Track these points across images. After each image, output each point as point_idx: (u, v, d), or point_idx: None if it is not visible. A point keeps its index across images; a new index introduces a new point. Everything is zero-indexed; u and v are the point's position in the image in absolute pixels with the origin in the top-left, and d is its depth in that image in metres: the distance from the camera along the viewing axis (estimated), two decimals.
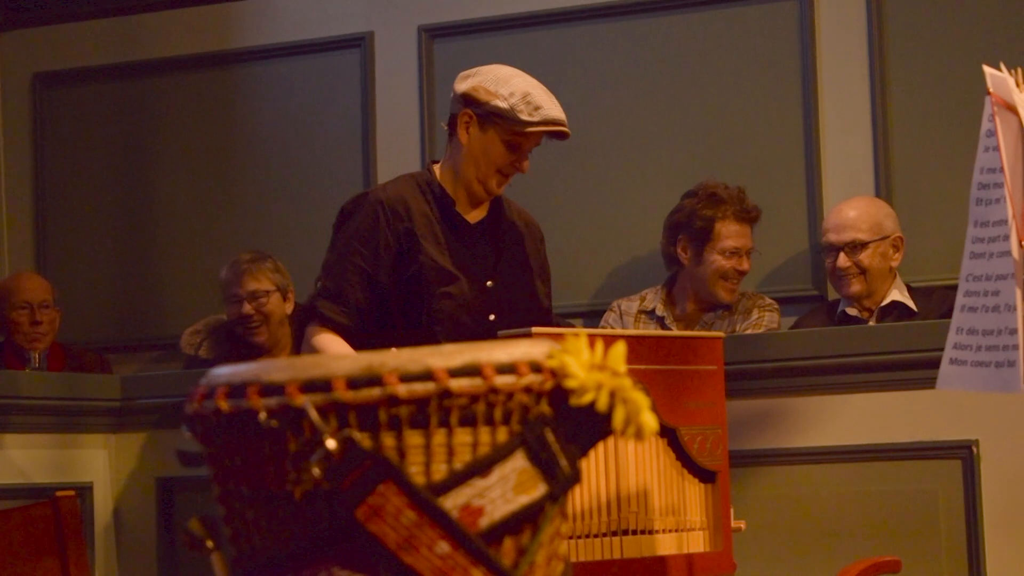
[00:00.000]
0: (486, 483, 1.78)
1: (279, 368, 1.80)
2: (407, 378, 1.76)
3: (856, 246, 4.61)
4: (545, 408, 1.83)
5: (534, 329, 2.93)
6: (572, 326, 4.76)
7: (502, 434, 1.80)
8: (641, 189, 5.24)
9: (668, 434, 3.12)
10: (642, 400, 1.82)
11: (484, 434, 1.79)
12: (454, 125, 3.66)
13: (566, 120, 3.61)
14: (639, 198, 5.22)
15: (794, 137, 5.12)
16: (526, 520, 1.81)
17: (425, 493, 1.75)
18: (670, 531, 3.10)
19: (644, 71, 5.30)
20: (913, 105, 5.02)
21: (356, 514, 1.74)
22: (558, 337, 2.04)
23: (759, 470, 3.90)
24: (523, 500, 1.79)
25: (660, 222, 4.88)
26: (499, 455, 1.79)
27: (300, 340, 3.70)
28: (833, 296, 4.84)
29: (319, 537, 1.78)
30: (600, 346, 1.84)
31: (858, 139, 5.05)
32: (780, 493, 3.90)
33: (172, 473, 4.48)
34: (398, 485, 1.75)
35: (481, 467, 1.78)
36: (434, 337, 3.53)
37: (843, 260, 4.61)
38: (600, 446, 1.88)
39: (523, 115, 3.57)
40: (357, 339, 3.60)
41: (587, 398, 1.82)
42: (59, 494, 3.10)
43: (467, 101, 3.62)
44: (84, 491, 4.46)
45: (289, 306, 5.23)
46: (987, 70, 2.83)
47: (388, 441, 1.77)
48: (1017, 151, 2.82)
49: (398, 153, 5.51)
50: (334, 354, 3.48)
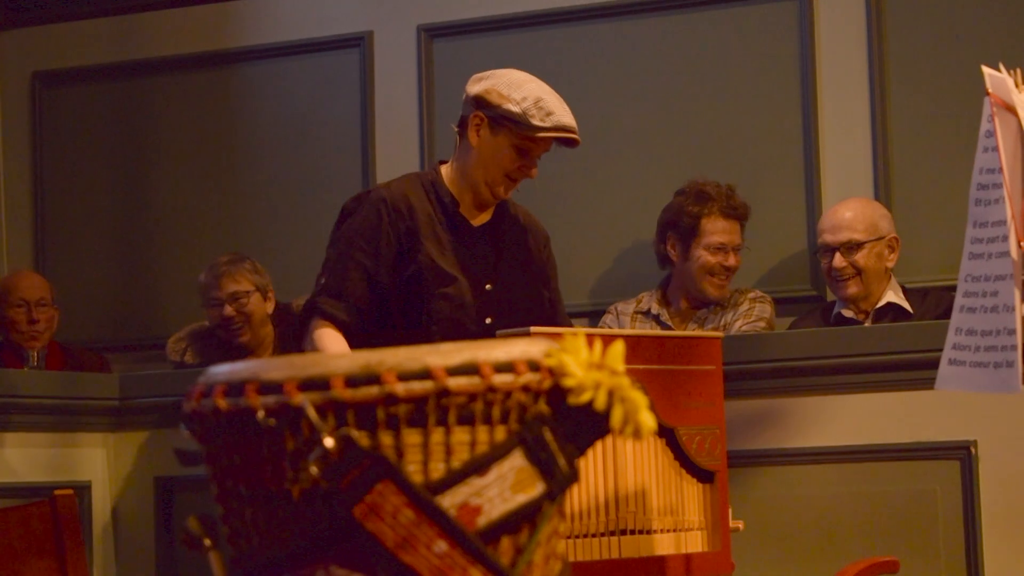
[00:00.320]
0: (484, 482, 1.78)
1: (277, 366, 1.79)
2: (405, 376, 1.76)
3: (852, 246, 4.61)
4: (543, 407, 1.83)
5: (532, 328, 2.93)
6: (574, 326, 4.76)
7: (500, 433, 1.80)
8: (640, 189, 5.24)
9: (666, 434, 3.12)
10: (640, 399, 1.82)
11: (482, 433, 1.79)
12: (464, 126, 3.65)
13: (577, 128, 3.60)
14: (639, 198, 5.22)
15: (793, 138, 5.13)
16: (524, 519, 1.81)
17: (423, 492, 1.75)
18: (668, 531, 3.10)
19: (644, 72, 5.30)
20: (912, 106, 5.02)
21: (354, 513, 1.74)
22: (556, 336, 2.04)
23: (757, 470, 3.90)
24: (521, 499, 1.79)
25: (666, 225, 4.90)
26: (497, 454, 1.79)
27: (300, 338, 3.70)
28: (831, 297, 4.84)
29: (317, 536, 1.78)
30: (598, 345, 1.84)
31: (857, 140, 5.06)
32: (778, 493, 3.90)
33: (170, 472, 4.48)
34: (396, 484, 1.74)
35: (479, 466, 1.78)
36: (431, 338, 3.52)
37: (839, 260, 4.62)
38: (598, 445, 1.88)
39: (534, 120, 3.55)
40: (357, 337, 3.59)
41: (585, 397, 1.82)
42: (57, 493, 3.09)
43: (479, 103, 3.61)
44: (82, 490, 4.45)
45: (270, 305, 5.22)
46: (986, 70, 2.83)
47: (386, 440, 1.77)
48: (1016, 152, 2.82)
49: (397, 153, 5.51)
50: (332, 352, 3.49)
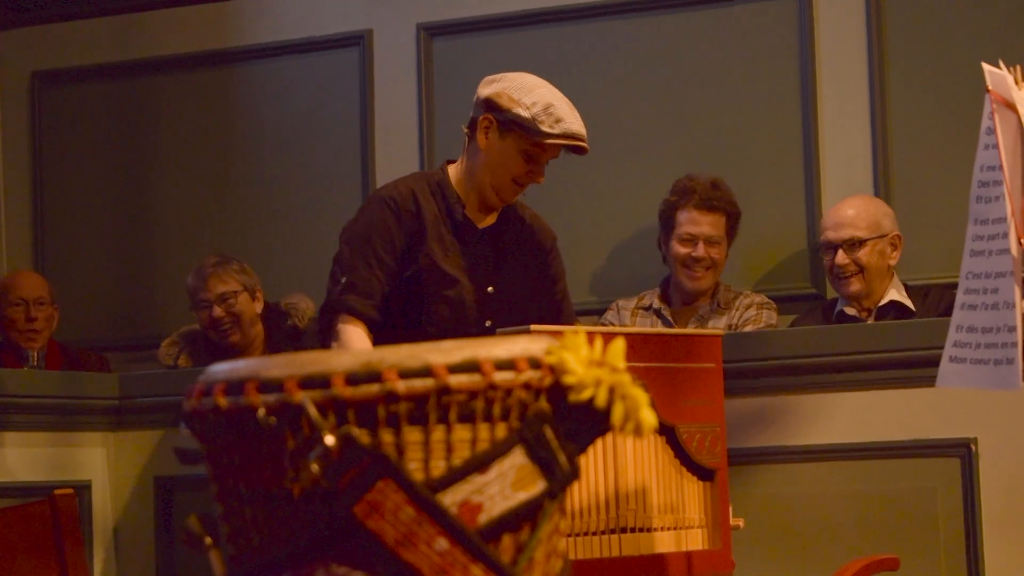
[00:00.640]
0: (485, 480, 1.78)
1: (277, 364, 1.79)
2: (406, 374, 1.75)
3: (854, 244, 4.61)
4: (544, 404, 1.83)
5: (533, 326, 2.94)
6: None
7: (501, 430, 1.80)
8: (640, 187, 5.23)
9: (667, 432, 3.12)
10: (641, 396, 1.82)
11: (483, 430, 1.79)
12: (474, 128, 3.65)
13: (586, 135, 3.60)
14: (639, 196, 5.22)
15: (793, 136, 5.12)
16: (525, 517, 1.81)
17: (424, 490, 1.75)
18: (668, 529, 3.09)
19: (644, 70, 5.30)
20: (912, 103, 5.02)
21: (355, 511, 1.74)
22: (557, 334, 2.04)
23: (757, 468, 3.90)
24: (522, 497, 1.79)
25: (658, 221, 4.91)
26: (498, 451, 1.79)
27: (325, 338, 3.68)
28: (831, 295, 4.84)
29: (318, 534, 1.78)
30: (599, 343, 1.84)
31: (856, 138, 5.05)
32: (778, 491, 3.90)
33: (170, 471, 4.47)
34: (397, 482, 1.74)
35: (480, 464, 1.78)
36: (430, 339, 3.52)
37: (841, 257, 4.61)
38: (599, 443, 1.88)
39: (543, 126, 3.55)
40: (379, 334, 3.59)
41: (586, 394, 1.82)
42: (57, 492, 3.09)
43: (489, 106, 3.61)
44: (82, 489, 4.45)
45: (259, 305, 5.22)
46: (986, 68, 2.83)
47: (387, 438, 1.76)
48: (1016, 149, 2.82)
49: (397, 151, 5.50)
50: (334, 350, 3.48)
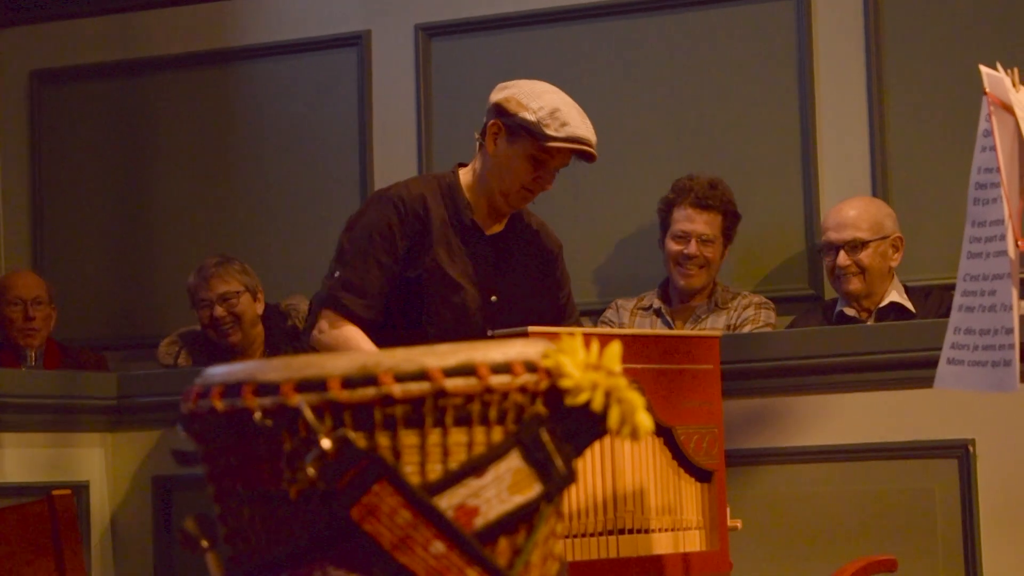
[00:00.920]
0: (481, 483, 1.78)
1: (274, 367, 1.79)
2: (402, 378, 1.75)
3: (856, 245, 4.61)
4: (540, 408, 1.83)
5: (529, 329, 2.94)
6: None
7: (497, 434, 1.80)
8: (639, 187, 5.23)
9: (664, 433, 3.12)
10: (637, 400, 1.82)
11: (479, 434, 1.79)
12: (485, 134, 3.66)
13: (594, 141, 3.59)
14: (637, 196, 5.22)
15: (791, 137, 5.12)
16: (521, 520, 1.81)
17: (420, 493, 1.75)
18: (666, 530, 3.10)
19: (641, 71, 5.30)
20: (910, 105, 5.02)
21: (351, 514, 1.74)
22: (553, 336, 2.04)
23: (755, 469, 3.90)
24: (518, 500, 1.79)
25: (657, 220, 4.91)
26: (494, 455, 1.79)
27: (309, 327, 3.67)
28: (829, 296, 4.84)
29: (314, 536, 1.78)
30: (595, 346, 1.84)
31: (855, 139, 5.05)
32: (776, 492, 3.90)
33: (169, 472, 4.47)
34: (393, 485, 1.74)
35: (476, 467, 1.78)
36: (430, 340, 3.52)
37: (843, 258, 4.61)
38: (596, 445, 1.88)
39: (549, 130, 3.54)
40: (378, 334, 3.59)
41: (582, 398, 1.82)
42: (55, 492, 3.09)
43: (498, 111, 3.61)
44: (80, 489, 4.45)
45: (260, 306, 5.21)
46: (983, 70, 2.84)
47: (383, 441, 1.76)
48: (1013, 151, 2.82)
49: (395, 151, 5.50)
50: (330, 353, 3.47)
